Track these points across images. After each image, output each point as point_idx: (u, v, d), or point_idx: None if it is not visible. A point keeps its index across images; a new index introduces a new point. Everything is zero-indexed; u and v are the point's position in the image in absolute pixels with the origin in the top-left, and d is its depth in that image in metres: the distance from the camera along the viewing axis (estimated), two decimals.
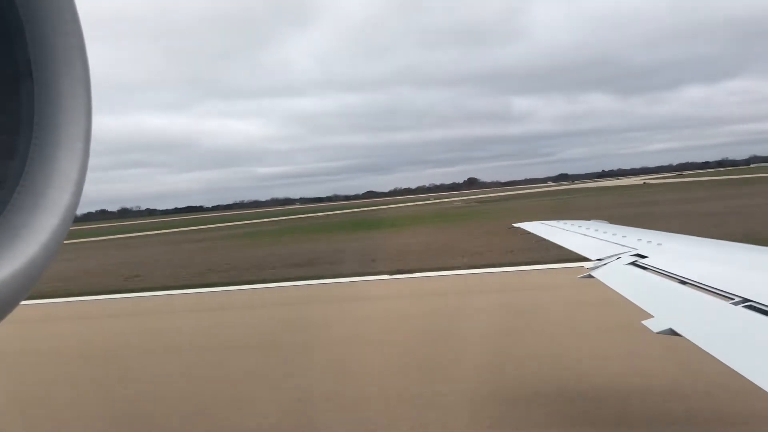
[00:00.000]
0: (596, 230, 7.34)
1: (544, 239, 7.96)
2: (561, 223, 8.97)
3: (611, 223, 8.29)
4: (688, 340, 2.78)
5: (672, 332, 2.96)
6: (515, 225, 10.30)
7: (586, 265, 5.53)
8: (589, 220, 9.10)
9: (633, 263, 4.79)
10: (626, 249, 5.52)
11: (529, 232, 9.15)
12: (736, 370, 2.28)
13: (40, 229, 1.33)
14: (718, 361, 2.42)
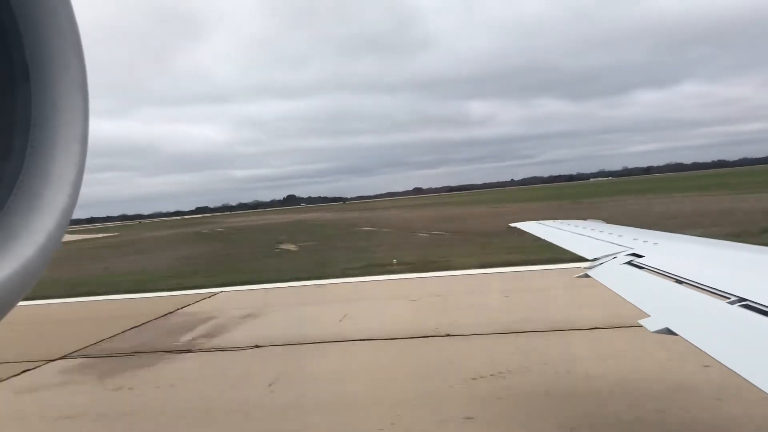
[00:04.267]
0: (592, 230, 7.37)
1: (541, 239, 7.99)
2: (557, 223, 9.01)
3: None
4: (685, 339, 2.79)
5: (668, 331, 2.97)
6: (512, 225, 10.34)
7: (583, 264, 5.55)
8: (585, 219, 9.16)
9: (629, 262, 4.80)
10: (622, 248, 5.54)
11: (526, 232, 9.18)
12: (733, 369, 2.29)
13: (36, 231, 1.33)
14: (715, 359, 2.43)
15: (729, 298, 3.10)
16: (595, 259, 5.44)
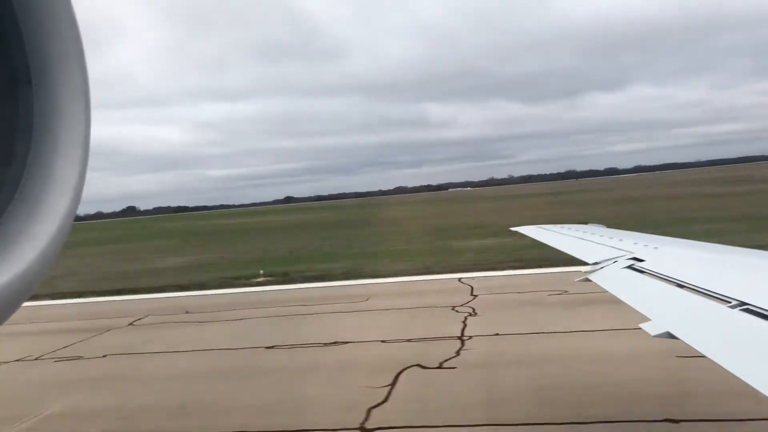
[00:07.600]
0: (593, 234, 7.36)
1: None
2: (558, 227, 9.01)
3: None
4: (686, 343, 2.78)
5: (669, 335, 2.96)
6: (513, 229, 10.33)
7: (584, 268, 5.55)
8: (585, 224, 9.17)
9: (630, 267, 4.80)
10: (623, 252, 5.54)
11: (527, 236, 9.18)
12: (734, 373, 2.29)
13: (37, 236, 1.33)
14: (716, 363, 2.43)
15: (730, 303, 3.10)
16: (596, 263, 5.43)
